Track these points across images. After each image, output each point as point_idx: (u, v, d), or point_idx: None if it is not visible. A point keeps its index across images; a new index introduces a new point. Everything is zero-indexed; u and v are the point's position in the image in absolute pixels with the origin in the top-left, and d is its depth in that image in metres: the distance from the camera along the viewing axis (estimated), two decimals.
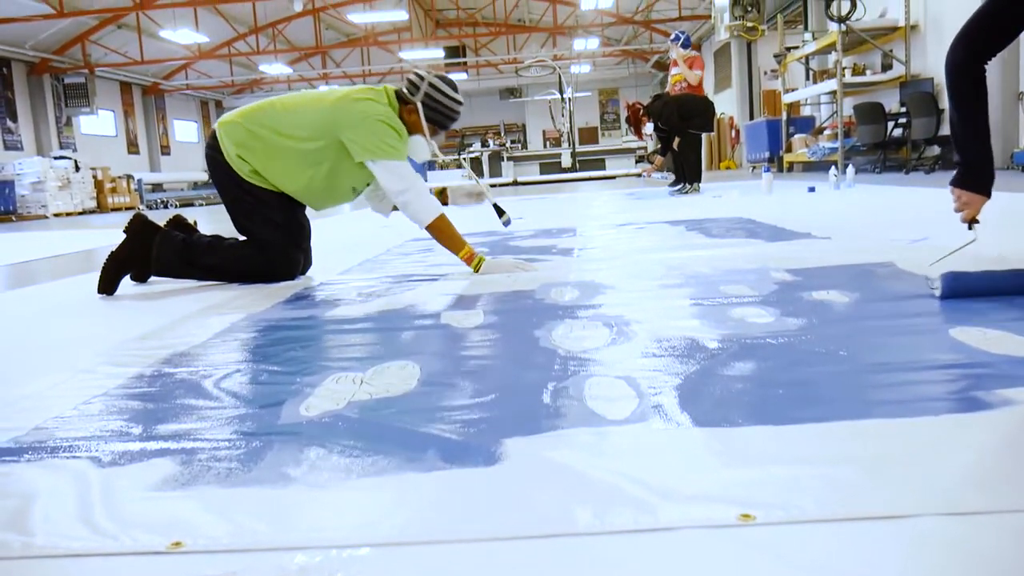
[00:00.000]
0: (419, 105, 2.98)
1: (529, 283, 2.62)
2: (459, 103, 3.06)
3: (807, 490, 0.90)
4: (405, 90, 3.00)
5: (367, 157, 2.87)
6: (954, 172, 2.07)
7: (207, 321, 2.28)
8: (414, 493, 0.97)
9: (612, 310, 2.07)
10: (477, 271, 2.89)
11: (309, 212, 3.23)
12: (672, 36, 9.04)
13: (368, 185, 3.15)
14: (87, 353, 1.90)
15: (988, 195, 2.04)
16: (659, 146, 8.80)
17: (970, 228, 2.10)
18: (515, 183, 16.77)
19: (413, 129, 3.01)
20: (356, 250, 4.04)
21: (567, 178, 17.34)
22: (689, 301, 2.12)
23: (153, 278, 3.16)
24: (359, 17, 20.61)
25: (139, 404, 1.45)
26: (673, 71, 8.79)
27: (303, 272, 3.17)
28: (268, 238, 3.02)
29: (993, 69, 7.87)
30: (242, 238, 3.10)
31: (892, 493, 0.88)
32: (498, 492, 0.96)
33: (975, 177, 2.03)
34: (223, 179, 3.03)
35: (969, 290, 1.92)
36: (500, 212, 3.19)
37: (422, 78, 3.00)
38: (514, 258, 3.13)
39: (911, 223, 3.83)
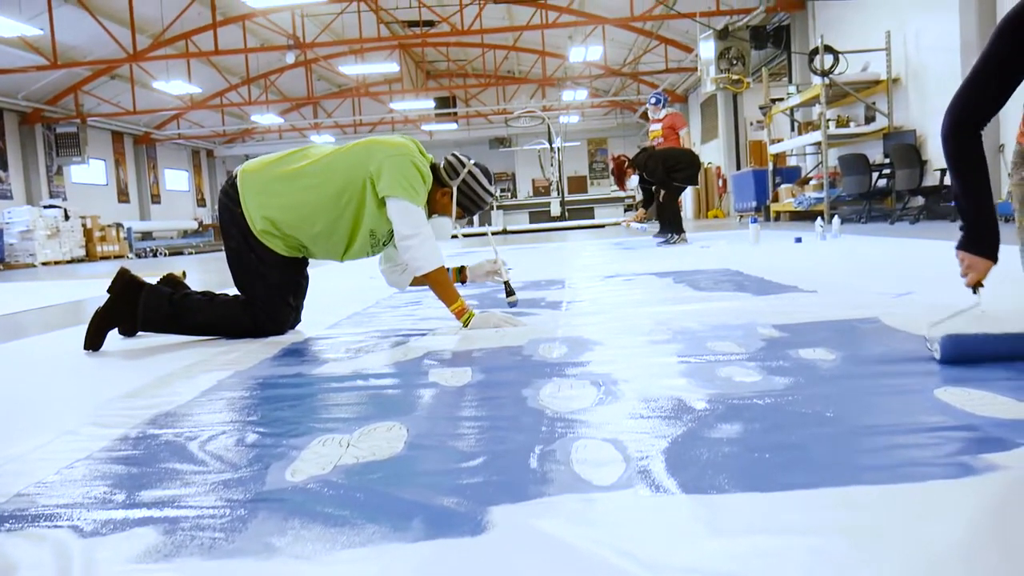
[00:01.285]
0: (454, 189, 3.03)
1: (518, 338, 2.63)
2: (492, 196, 3.15)
3: (794, 563, 0.90)
4: (443, 171, 3.04)
5: (388, 192, 2.87)
6: (957, 236, 2.06)
7: (194, 379, 2.27)
8: (399, 565, 0.97)
9: (600, 368, 2.07)
10: (466, 326, 2.90)
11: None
12: (651, 99, 9.55)
13: (385, 242, 3.12)
14: (72, 413, 1.89)
15: (994, 259, 2.02)
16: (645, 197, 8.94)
17: (975, 292, 2.06)
18: (505, 232, 16.87)
19: (442, 210, 3.07)
20: (346, 302, 4.04)
21: (556, 227, 17.47)
22: (676, 358, 2.13)
23: (141, 332, 3.15)
24: (351, 69, 20.88)
25: (123, 468, 1.43)
26: (651, 127, 9.23)
27: (292, 327, 3.16)
28: (260, 296, 3.02)
29: None
30: (234, 291, 3.10)
31: (878, 567, 0.88)
32: (483, 564, 0.95)
33: (979, 240, 2.02)
34: (231, 229, 3.03)
35: (969, 354, 1.84)
36: (510, 292, 3.22)
37: (463, 164, 3.07)
38: (503, 312, 3.14)
39: (896, 276, 3.87)
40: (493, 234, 15.63)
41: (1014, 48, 1.83)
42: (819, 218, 8.07)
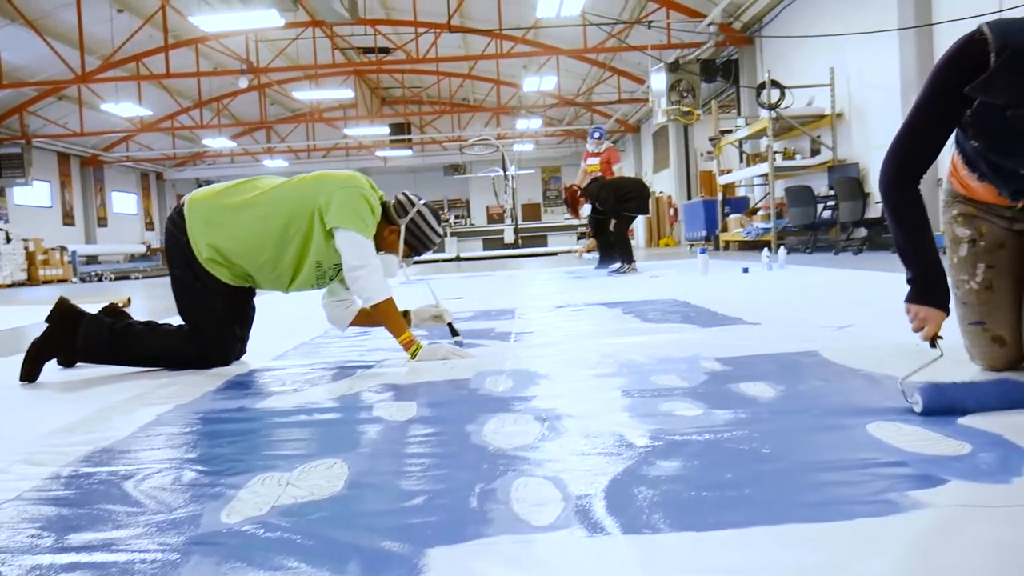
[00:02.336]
0: (402, 228, 3.03)
1: (465, 371, 2.63)
2: (440, 236, 3.16)
3: None
4: (392, 209, 3.04)
5: (337, 223, 2.86)
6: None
7: (133, 413, 2.22)
8: None
9: (545, 402, 2.08)
10: (414, 357, 2.89)
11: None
12: (595, 132, 9.79)
13: (332, 275, 3.10)
14: (2, 449, 1.84)
15: (946, 311, 1.95)
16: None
17: (933, 346, 1.95)
18: (458, 259, 16.87)
19: (389, 248, 3.05)
20: (293, 332, 4.00)
21: (509, 254, 17.53)
22: (620, 393, 2.15)
23: (80, 363, 3.08)
24: (305, 94, 20.84)
25: (52, 510, 1.40)
26: (590, 161, 9.46)
27: (237, 357, 3.12)
28: (204, 326, 2.98)
29: None
30: (179, 320, 3.05)
31: None
32: None
33: (929, 292, 1.95)
34: (178, 258, 2.99)
35: (952, 405, 1.74)
36: (454, 332, 3.21)
37: (412, 203, 3.06)
38: (451, 343, 3.14)
39: (837, 307, 3.96)
40: (451, 260, 15.54)
41: (948, 92, 1.85)
42: (766, 248, 8.23)
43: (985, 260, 2.13)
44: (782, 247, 8.45)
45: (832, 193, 10.60)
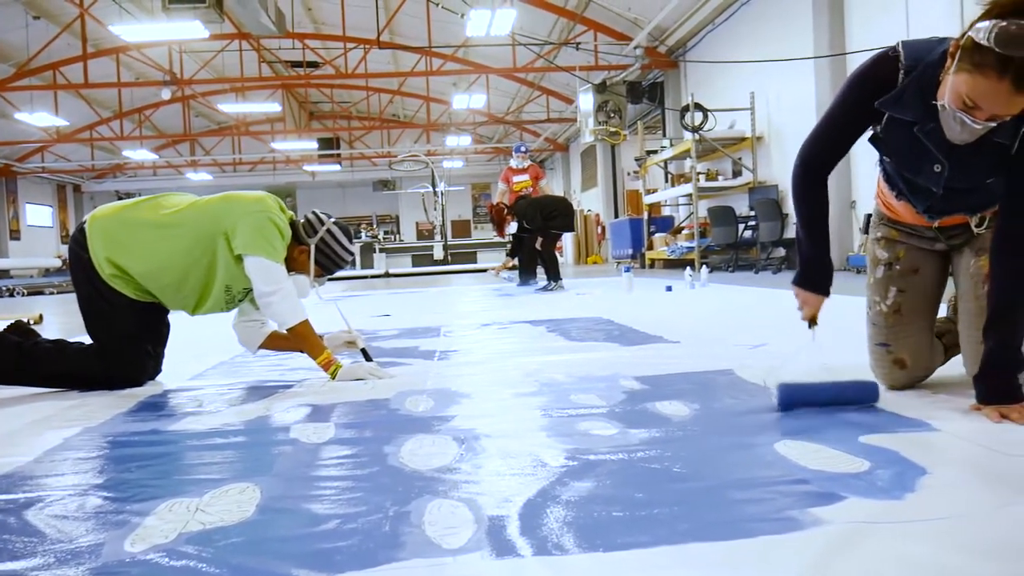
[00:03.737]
0: (312, 248, 2.99)
1: (386, 391, 2.61)
2: (351, 255, 3.11)
3: None
4: (302, 229, 3.00)
5: (245, 250, 2.81)
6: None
7: (39, 436, 2.14)
8: None
9: (464, 422, 2.09)
10: (334, 378, 2.86)
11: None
12: (521, 147, 9.81)
13: (241, 298, 3.04)
14: None
15: (826, 294, 2.14)
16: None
17: (810, 327, 2.16)
18: (387, 275, 16.76)
19: (300, 268, 3.00)
20: (212, 350, 3.91)
21: (439, 271, 17.49)
22: (540, 412, 2.17)
23: None
24: (231, 107, 20.47)
25: None
26: (516, 178, 9.44)
27: (152, 377, 3.04)
28: (114, 345, 2.89)
29: (831, 180, 8.47)
30: (89, 340, 2.96)
31: None
32: None
33: (811, 276, 2.13)
34: (81, 277, 2.90)
35: (803, 401, 2.02)
36: (368, 358, 3.19)
37: (322, 222, 3.02)
38: (374, 363, 3.12)
39: (754, 326, 4.07)
40: (380, 276, 15.42)
41: (859, 103, 1.96)
42: (688, 267, 8.40)
43: (898, 284, 2.22)
44: (705, 266, 8.64)
45: (753, 214, 10.91)
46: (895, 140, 1.97)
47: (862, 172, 9.55)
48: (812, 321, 2.16)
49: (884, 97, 1.88)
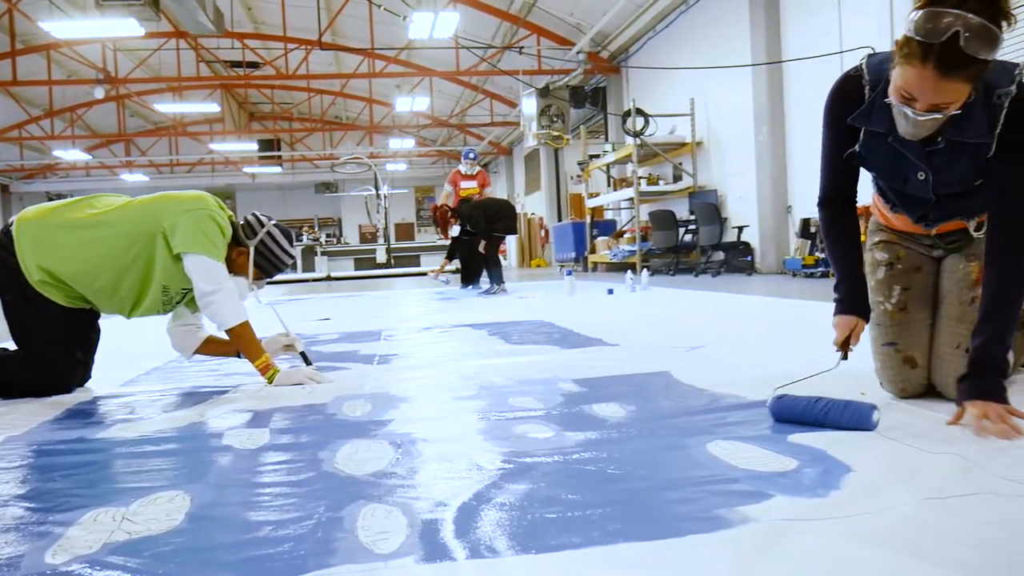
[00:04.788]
0: (251, 250, 2.94)
1: (323, 395, 2.59)
2: (291, 257, 3.06)
3: None
4: (241, 230, 2.95)
5: (185, 248, 2.74)
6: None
7: None
8: None
9: (401, 427, 2.08)
10: (271, 382, 2.82)
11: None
12: (469, 153, 9.83)
13: (179, 300, 2.98)
14: None
15: (865, 318, 2.05)
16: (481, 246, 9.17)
17: (842, 355, 2.04)
18: (328, 279, 16.57)
19: (238, 271, 2.94)
20: (145, 356, 3.82)
21: (381, 274, 17.37)
22: (477, 416, 2.18)
23: None
24: (167, 107, 20.02)
25: None
26: (465, 184, 9.47)
27: (80, 384, 2.96)
28: (41, 351, 2.80)
29: (765, 185, 8.71)
30: (14, 347, 2.87)
31: None
32: None
33: (849, 302, 2.05)
34: (7, 281, 2.80)
35: (789, 417, 1.89)
36: (307, 361, 3.15)
37: (262, 224, 2.97)
38: (313, 367, 3.09)
39: (692, 328, 4.14)
40: (321, 280, 15.24)
41: (837, 126, 1.96)
42: (629, 271, 8.50)
43: (901, 282, 2.17)
44: (646, 269, 8.75)
45: (693, 218, 11.08)
46: (875, 154, 1.95)
47: (797, 178, 9.78)
48: (843, 348, 2.03)
49: (855, 113, 1.89)
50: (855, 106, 1.90)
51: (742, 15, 10.31)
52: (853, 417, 1.80)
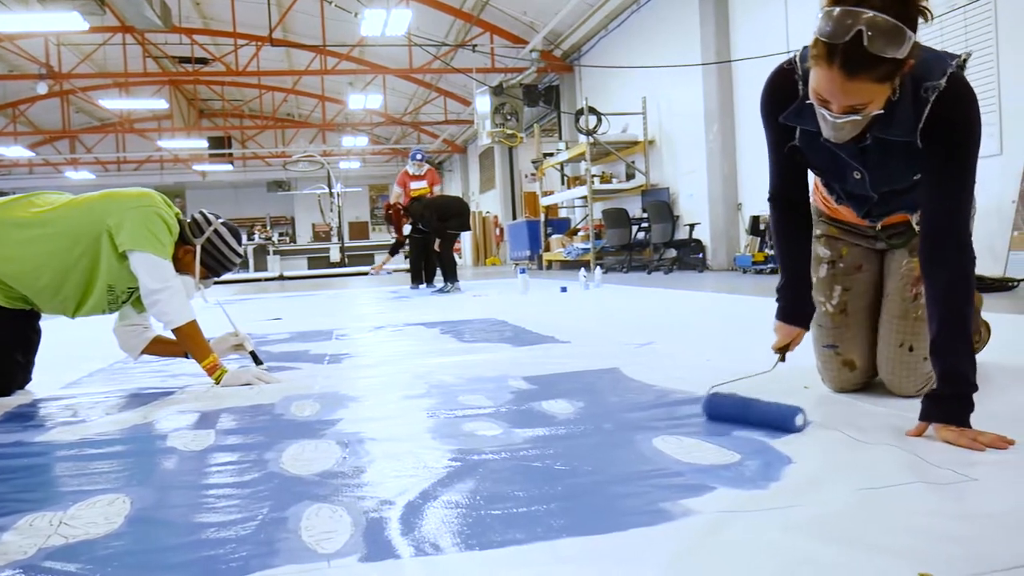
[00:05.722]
0: (198, 248, 2.89)
1: (272, 396, 2.56)
2: (240, 256, 3.01)
3: None
4: (188, 228, 2.89)
5: (131, 245, 2.69)
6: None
7: None
8: None
9: (349, 426, 2.07)
10: (218, 383, 2.78)
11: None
12: (416, 154, 9.71)
13: (125, 299, 2.91)
14: None
15: (803, 327, 2.01)
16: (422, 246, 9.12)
17: (779, 358, 2.02)
18: (281, 278, 16.39)
19: (184, 270, 2.89)
20: (89, 357, 3.74)
21: (335, 273, 17.22)
22: (426, 414, 2.17)
23: None
24: (113, 103, 19.61)
25: None
26: (414, 184, 9.39)
27: (21, 386, 2.88)
28: None
29: (716, 183, 8.82)
30: None
31: None
32: None
33: (788, 309, 2.01)
34: None
35: (722, 415, 1.90)
36: (257, 360, 3.11)
37: (209, 222, 2.92)
38: (264, 365, 3.05)
39: (643, 325, 4.18)
40: (273, 279, 15.06)
41: (772, 129, 1.90)
42: (582, 269, 8.54)
43: (843, 283, 2.14)
44: (599, 267, 8.80)
45: (645, 215, 11.18)
46: (812, 152, 1.88)
47: (747, 175, 9.93)
48: (781, 352, 2.01)
49: (787, 111, 1.81)
50: (789, 101, 1.81)
51: (692, 15, 10.43)
52: (777, 419, 1.78)
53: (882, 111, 1.63)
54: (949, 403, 1.66)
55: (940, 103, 1.66)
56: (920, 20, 1.54)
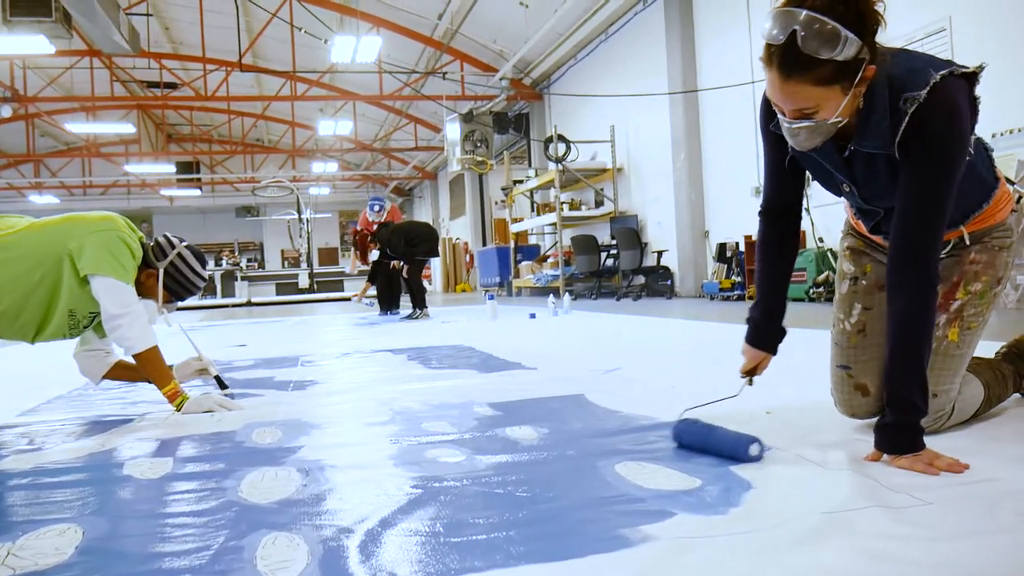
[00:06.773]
0: (160, 272, 2.86)
1: (233, 423, 2.53)
2: (204, 280, 2.98)
3: None
4: (151, 252, 2.86)
5: (92, 270, 2.64)
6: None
7: None
8: None
9: (311, 453, 2.04)
10: (179, 410, 2.74)
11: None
12: (374, 205, 9.54)
13: (86, 324, 2.87)
14: None
15: (770, 352, 1.99)
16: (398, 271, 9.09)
17: (747, 382, 2.01)
18: (249, 304, 16.23)
19: (147, 293, 2.85)
20: (47, 384, 3.67)
21: (304, 299, 17.10)
22: (389, 441, 2.15)
23: None
24: (80, 127, 19.41)
25: None
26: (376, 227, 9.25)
27: None
28: None
29: (683, 211, 8.92)
30: None
31: None
32: None
33: (756, 334, 1.98)
34: None
35: (687, 443, 1.89)
36: (222, 385, 3.07)
37: (173, 246, 2.89)
38: (229, 390, 3.01)
39: (610, 351, 4.19)
40: (241, 305, 14.90)
41: (767, 140, 1.88)
42: (551, 295, 8.57)
43: (863, 301, 2.02)
44: (568, 293, 8.83)
45: (614, 242, 11.26)
46: (806, 162, 1.84)
47: (713, 203, 10.04)
48: (748, 375, 2.01)
49: (776, 120, 1.73)
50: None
51: (659, 45, 10.59)
52: (734, 448, 1.77)
53: (845, 120, 1.60)
54: (899, 432, 1.65)
55: (918, 115, 1.59)
56: (876, 26, 1.51)
